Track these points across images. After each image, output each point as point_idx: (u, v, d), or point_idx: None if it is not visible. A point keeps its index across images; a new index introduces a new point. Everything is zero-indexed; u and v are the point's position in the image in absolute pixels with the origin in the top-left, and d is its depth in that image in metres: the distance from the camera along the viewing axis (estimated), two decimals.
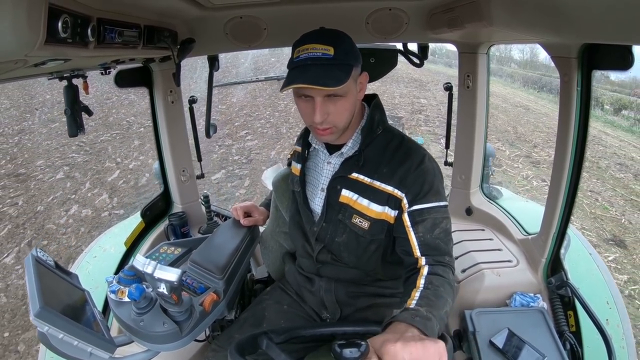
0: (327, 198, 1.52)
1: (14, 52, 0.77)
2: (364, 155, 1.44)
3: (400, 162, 1.41)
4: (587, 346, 1.63)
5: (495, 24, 1.33)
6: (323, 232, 1.56)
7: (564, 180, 1.60)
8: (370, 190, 1.44)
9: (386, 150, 1.45)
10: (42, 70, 1.11)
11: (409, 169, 1.39)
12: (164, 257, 1.60)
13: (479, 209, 2.45)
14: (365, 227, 1.46)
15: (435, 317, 1.11)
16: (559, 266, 1.77)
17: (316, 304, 1.69)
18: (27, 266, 1.11)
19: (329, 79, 1.24)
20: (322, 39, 1.29)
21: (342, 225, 1.50)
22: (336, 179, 1.49)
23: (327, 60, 1.26)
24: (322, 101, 1.30)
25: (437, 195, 1.39)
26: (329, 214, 1.53)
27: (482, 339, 1.57)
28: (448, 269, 1.33)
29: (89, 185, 7.30)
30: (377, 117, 1.48)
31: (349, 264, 1.55)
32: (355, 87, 1.35)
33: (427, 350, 0.93)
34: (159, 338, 1.20)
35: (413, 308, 1.14)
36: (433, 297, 1.19)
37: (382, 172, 1.42)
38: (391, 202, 1.41)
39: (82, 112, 1.55)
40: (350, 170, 1.46)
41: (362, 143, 1.45)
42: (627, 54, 1.17)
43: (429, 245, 1.35)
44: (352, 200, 1.46)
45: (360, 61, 1.36)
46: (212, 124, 2.32)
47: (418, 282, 1.26)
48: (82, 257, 2.32)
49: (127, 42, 1.26)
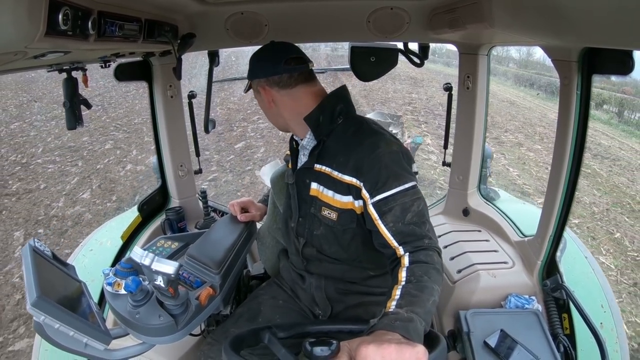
0: (298, 192, 1.55)
1: (14, 44, 0.77)
2: (323, 146, 1.47)
3: (353, 148, 1.40)
4: (581, 349, 1.64)
5: (497, 25, 1.32)
6: (301, 228, 1.57)
7: (561, 183, 1.60)
8: (332, 181, 1.45)
9: (343, 139, 1.45)
10: (41, 62, 1.11)
11: (363, 156, 1.37)
12: (161, 250, 1.60)
13: (476, 210, 2.45)
14: (334, 218, 1.46)
15: (418, 314, 1.06)
16: (555, 269, 1.77)
17: (308, 301, 1.70)
18: (25, 256, 1.11)
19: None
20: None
21: (317, 218, 1.51)
22: (303, 171, 1.53)
23: None
24: None
25: (398, 179, 1.33)
26: (303, 209, 1.55)
27: (477, 340, 1.58)
28: (430, 252, 1.27)
29: (136, 152, 9.09)
30: (338, 107, 1.48)
31: (334, 257, 1.55)
32: (259, 97, 1.57)
33: (402, 354, 0.89)
34: (155, 331, 1.20)
35: (392, 312, 1.08)
36: (416, 291, 1.14)
37: (339, 161, 1.42)
38: (352, 192, 1.40)
39: (81, 105, 1.55)
40: (312, 161, 1.49)
41: (315, 133, 1.49)
42: (627, 59, 1.18)
43: (403, 232, 1.29)
44: (320, 192, 1.48)
45: (251, 76, 1.56)
46: (211, 120, 2.31)
47: (400, 276, 1.21)
48: (78, 250, 2.31)
49: (128, 35, 1.25)
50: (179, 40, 1.75)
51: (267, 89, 1.51)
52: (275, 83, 1.49)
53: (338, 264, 1.56)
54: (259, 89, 1.53)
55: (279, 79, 1.48)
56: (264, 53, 1.53)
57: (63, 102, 1.49)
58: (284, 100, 1.51)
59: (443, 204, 2.62)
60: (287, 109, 1.52)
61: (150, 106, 2.32)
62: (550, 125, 13.08)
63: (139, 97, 14.76)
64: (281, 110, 1.53)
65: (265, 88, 1.51)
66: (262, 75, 1.51)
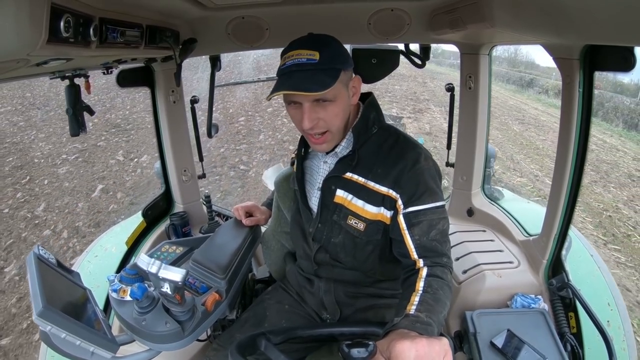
0: (322, 198, 1.51)
1: (16, 52, 0.77)
2: (358, 155, 1.43)
3: (394, 161, 1.39)
4: (588, 348, 1.63)
5: (497, 25, 1.32)
6: (319, 233, 1.55)
7: (566, 182, 1.59)
8: (365, 191, 1.42)
9: (381, 150, 1.43)
10: (44, 69, 1.11)
11: (404, 169, 1.37)
12: (165, 255, 1.60)
13: (480, 210, 2.44)
14: (361, 229, 1.45)
15: (434, 322, 1.12)
16: (560, 267, 1.77)
17: (316, 305, 1.69)
18: (29, 264, 1.11)
19: (313, 84, 1.25)
20: (308, 45, 1.30)
21: (338, 226, 1.49)
22: (330, 179, 1.48)
23: (312, 66, 1.27)
24: (310, 107, 1.31)
25: (432, 196, 1.36)
26: (324, 215, 1.52)
27: (483, 340, 1.57)
28: (446, 270, 1.32)
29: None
30: (372, 116, 1.46)
31: (347, 265, 1.55)
32: (346, 91, 1.36)
33: (433, 348, 0.95)
34: (161, 337, 1.20)
35: (413, 314, 1.14)
36: (432, 302, 1.19)
37: (377, 172, 1.41)
38: (386, 203, 1.40)
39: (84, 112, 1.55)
40: (344, 170, 1.45)
41: (356, 142, 1.43)
42: (629, 56, 1.17)
43: (426, 247, 1.33)
44: (347, 201, 1.45)
45: (350, 64, 1.36)
46: (214, 124, 2.32)
47: (417, 285, 1.25)
48: (83, 257, 2.32)
49: (129, 41, 1.26)
50: (180, 46, 1.75)
51: (358, 79, 1.42)
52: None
53: (350, 270, 1.56)
54: (355, 79, 1.41)
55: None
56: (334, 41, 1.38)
57: (66, 109, 1.50)
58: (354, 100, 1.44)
59: (447, 205, 2.61)
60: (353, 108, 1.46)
61: (152, 111, 2.32)
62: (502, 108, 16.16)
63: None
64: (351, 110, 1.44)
65: (358, 78, 1.42)
66: (352, 65, 1.40)
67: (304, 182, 1.62)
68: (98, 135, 9.96)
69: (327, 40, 1.34)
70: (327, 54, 1.28)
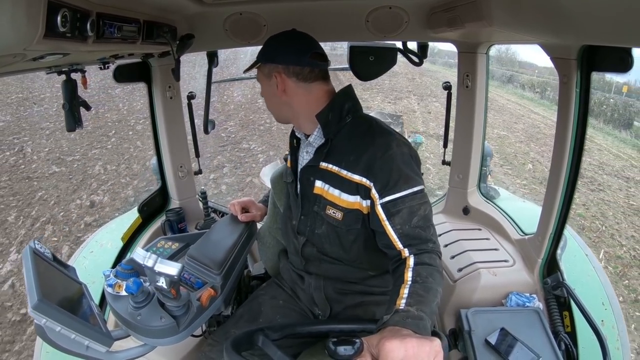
0: (301, 190, 1.53)
1: (13, 46, 0.77)
2: (331, 144, 1.45)
3: (365, 148, 1.39)
4: (582, 347, 1.64)
5: (495, 24, 1.32)
6: (302, 225, 1.56)
7: (561, 181, 1.60)
8: (339, 180, 1.43)
9: (353, 138, 1.43)
10: (40, 64, 1.11)
11: (375, 156, 1.36)
12: (162, 251, 1.60)
13: (476, 209, 2.45)
14: (339, 218, 1.45)
15: (426, 313, 1.11)
16: (555, 266, 1.78)
17: (307, 301, 1.69)
18: (25, 258, 1.11)
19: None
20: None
21: (319, 217, 1.50)
22: (307, 169, 1.50)
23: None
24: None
25: (408, 182, 1.34)
26: (306, 206, 1.53)
27: (478, 338, 1.58)
28: (434, 255, 1.30)
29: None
30: (347, 105, 1.47)
31: (334, 256, 1.54)
32: (266, 82, 1.51)
33: (422, 348, 0.94)
34: (156, 332, 1.20)
35: (403, 309, 1.12)
36: (422, 292, 1.18)
37: (349, 160, 1.41)
38: (361, 191, 1.39)
39: (80, 107, 1.55)
40: (319, 159, 1.47)
41: (325, 131, 1.46)
42: (626, 56, 1.18)
43: (409, 235, 1.31)
44: (324, 191, 1.46)
45: (265, 59, 1.49)
46: (211, 120, 2.31)
47: (406, 276, 1.23)
48: (78, 252, 2.32)
49: (126, 37, 1.25)
50: (177, 41, 1.75)
51: (283, 77, 1.45)
52: (295, 74, 1.45)
53: (338, 264, 1.56)
54: (274, 75, 1.46)
55: (300, 70, 1.45)
56: (289, 40, 1.49)
57: (62, 104, 1.49)
58: (298, 93, 1.47)
59: (443, 203, 2.62)
60: (300, 102, 1.48)
61: (149, 107, 2.31)
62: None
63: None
64: (293, 102, 1.49)
65: (282, 76, 1.45)
66: (282, 62, 1.46)
67: (297, 174, 1.63)
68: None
69: (275, 36, 1.52)
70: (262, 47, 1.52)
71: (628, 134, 15.08)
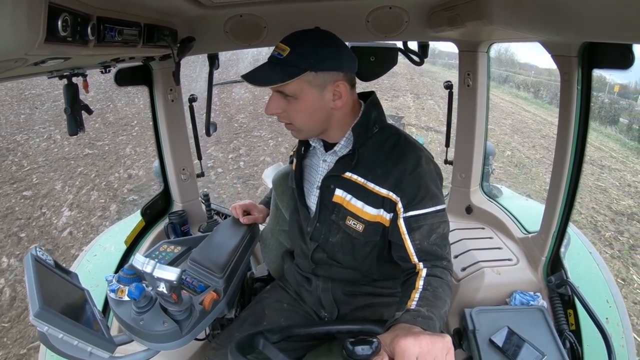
0: (320, 197, 1.50)
1: (14, 51, 0.77)
2: (358, 155, 1.41)
3: (395, 163, 1.37)
4: (587, 345, 1.63)
5: (496, 22, 1.32)
6: (317, 232, 1.54)
7: (564, 179, 1.60)
8: (365, 192, 1.41)
9: (381, 150, 1.41)
10: (41, 69, 1.11)
11: (405, 172, 1.35)
12: (164, 255, 1.60)
13: (479, 208, 2.45)
14: (360, 230, 1.43)
15: (436, 316, 1.13)
16: (559, 265, 1.77)
17: (314, 304, 1.68)
18: (27, 265, 1.11)
19: (265, 78, 1.32)
20: (287, 40, 1.32)
21: (336, 225, 1.48)
22: (329, 178, 1.47)
23: (277, 60, 1.30)
24: (275, 96, 1.36)
25: (433, 200, 1.35)
26: (323, 214, 1.51)
27: (482, 338, 1.57)
28: (446, 272, 1.33)
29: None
30: (373, 115, 1.44)
31: (344, 265, 1.54)
32: (316, 92, 1.32)
33: (435, 345, 0.96)
34: (159, 337, 1.20)
35: (414, 309, 1.15)
36: (432, 298, 1.20)
37: (377, 173, 1.39)
38: (386, 205, 1.38)
39: (82, 111, 1.55)
40: (344, 169, 1.43)
41: (355, 142, 1.42)
42: (627, 53, 1.17)
43: (426, 251, 1.33)
44: (346, 201, 1.44)
45: (330, 67, 1.32)
46: (212, 123, 2.31)
47: (417, 284, 1.26)
48: (82, 256, 2.32)
49: (127, 40, 1.25)
50: (178, 44, 1.75)
51: (344, 85, 1.35)
52: (350, 80, 1.38)
53: (347, 269, 1.55)
54: (335, 84, 1.33)
55: (353, 77, 1.40)
56: (339, 42, 1.37)
57: (64, 109, 1.49)
58: (348, 102, 1.39)
59: (446, 202, 2.61)
60: (346, 111, 1.41)
61: (151, 110, 2.31)
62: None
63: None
64: (341, 111, 1.40)
65: (344, 84, 1.35)
66: (347, 69, 1.36)
67: (302, 180, 1.61)
68: None
69: (305, 37, 1.33)
70: (297, 52, 1.29)
71: (613, 130, 16.14)
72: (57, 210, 6.29)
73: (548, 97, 23.52)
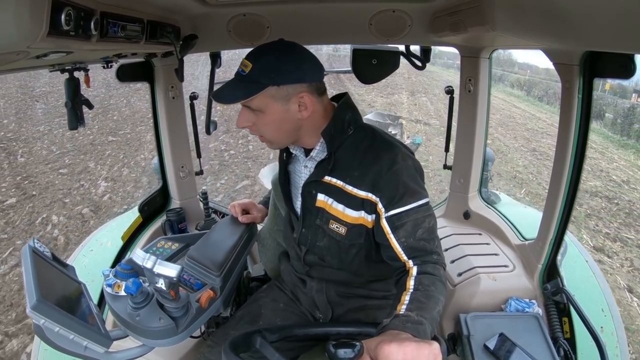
0: (303, 202, 1.50)
1: (17, 44, 0.77)
2: (334, 158, 1.41)
3: (371, 164, 1.37)
4: (581, 353, 1.63)
5: (498, 28, 1.32)
6: (303, 238, 1.54)
7: (563, 187, 1.60)
8: (344, 195, 1.40)
9: (357, 152, 1.40)
10: (43, 62, 1.11)
11: (381, 172, 1.34)
12: (161, 251, 1.60)
13: (477, 213, 2.45)
14: (343, 233, 1.43)
15: (426, 319, 1.11)
16: (555, 272, 1.77)
17: (309, 304, 1.69)
18: (24, 257, 1.11)
19: (230, 95, 1.35)
20: (250, 56, 1.34)
21: (321, 230, 1.48)
22: (310, 184, 1.46)
23: (241, 77, 1.33)
24: (244, 110, 1.38)
25: (414, 195, 1.33)
26: (307, 220, 1.51)
27: (477, 343, 1.57)
28: (438, 266, 1.31)
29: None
30: (347, 116, 1.41)
31: (334, 266, 1.54)
32: (281, 105, 1.33)
33: (421, 352, 0.94)
34: (155, 333, 1.20)
35: (403, 314, 1.13)
36: (424, 299, 1.18)
37: (354, 175, 1.38)
38: (366, 207, 1.38)
39: (83, 105, 1.55)
40: (322, 173, 1.43)
41: (330, 145, 1.40)
42: (628, 63, 1.18)
43: (414, 248, 1.32)
44: (328, 205, 1.43)
45: (292, 80, 1.31)
46: (213, 121, 2.31)
47: (408, 284, 1.25)
48: (78, 251, 2.32)
49: (130, 36, 1.25)
50: (181, 42, 1.75)
51: (308, 96, 1.33)
52: (316, 89, 1.36)
53: (339, 271, 1.55)
54: (299, 96, 1.32)
55: (319, 85, 1.38)
56: (304, 53, 1.36)
57: (65, 103, 1.49)
58: (316, 110, 1.38)
59: (444, 207, 2.62)
60: (314, 119, 1.39)
61: (151, 107, 2.32)
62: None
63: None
64: (309, 121, 1.38)
65: (307, 95, 1.33)
66: (309, 80, 1.34)
67: (288, 185, 1.61)
68: None
69: (271, 51, 1.34)
70: (259, 67, 1.31)
71: (598, 124, 16.60)
72: (94, 182, 7.39)
73: (539, 95, 24.36)
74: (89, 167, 8.11)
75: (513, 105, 19.97)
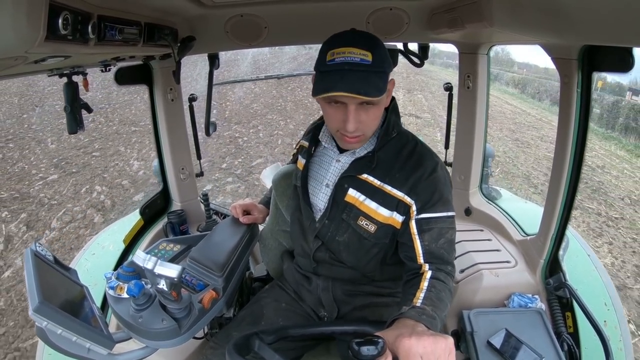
0: (334, 195, 1.49)
1: (14, 49, 0.77)
2: (377, 157, 1.42)
3: (413, 168, 1.40)
4: (585, 347, 1.63)
5: (496, 24, 1.32)
6: (324, 229, 1.53)
7: (563, 182, 1.60)
8: (380, 194, 1.42)
9: (399, 155, 1.43)
10: (42, 67, 1.11)
11: (421, 177, 1.38)
12: (163, 253, 1.60)
13: (478, 210, 2.45)
14: (372, 231, 1.44)
15: (438, 317, 1.16)
16: (558, 267, 1.77)
17: (314, 303, 1.68)
18: (26, 261, 1.11)
19: (370, 88, 1.22)
20: (359, 43, 1.24)
21: (345, 224, 1.48)
22: (344, 178, 1.47)
23: (365, 67, 1.22)
24: (355, 109, 1.27)
25: (445, 205, 1.39)
26: (333, 212, 1.50)
27: (480, 340, 1.58)
28: (449, 277, 1.35)
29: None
30: (392, 120, 1.45)
31: (347, 264, 1.54)
32: (386, 95, 1.31)
33: (438, 345, 0.97)
34: (158, 335, 1.20)
35: (419, 306, 1.18)
36: (435, 299, 1.23)
37: (394, 176, 1.41)
38: (400, 208, 1.40)
39: (82, 109, 1.55)
40: (362, 170, 1.44)
41: (377, 145, 1.43)
42: (627, 56, 1.18)
43: (433, 254, 1.35)
44: (359, 201, 1.44)
45: (392, 67, 1.33)
46: (212, 122, 2.31)
47: (422, 284, 1.28)
48: (80, 254, 2.32)
49: (128, 39, 1.25)
50: (178, 44, 1.75)
51: (394, 83, 1.36)
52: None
53: (349, 269, 1.56)
54: (392, 80, 1.34)
55: None
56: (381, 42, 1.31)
57: (64, 107, 1.49)
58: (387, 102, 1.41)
59: None
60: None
61: (150, 109, 2.32)
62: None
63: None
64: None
65: (393, 81, 1.35)
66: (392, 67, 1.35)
67: (307, 178, 1.60)
68: None
69: (376, 40, 1.28)
70: (379, 55, 1.24)
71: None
72: (127, 162, 8.21)
73: (532, 92, 25.51)
74: (120, 150, 8.88)
75: (506, 102, 20.60)
